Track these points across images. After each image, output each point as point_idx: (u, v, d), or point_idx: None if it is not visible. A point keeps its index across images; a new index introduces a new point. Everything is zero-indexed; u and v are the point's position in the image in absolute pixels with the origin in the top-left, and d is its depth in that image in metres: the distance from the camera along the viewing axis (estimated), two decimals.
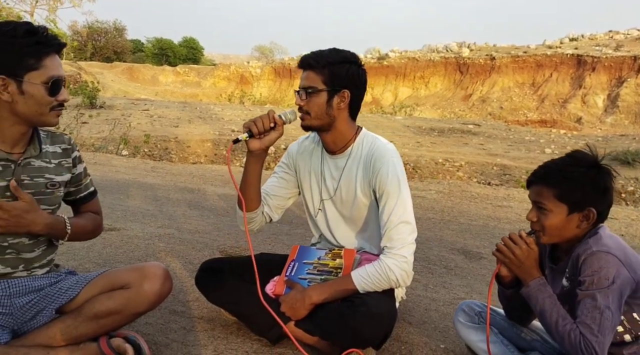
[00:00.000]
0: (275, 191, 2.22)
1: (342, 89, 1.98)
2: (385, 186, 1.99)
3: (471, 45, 37.80)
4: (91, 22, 47.51)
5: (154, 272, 1.86)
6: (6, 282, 1.74)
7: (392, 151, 2.06)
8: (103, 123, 11.99)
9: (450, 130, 15.52)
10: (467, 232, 4.13)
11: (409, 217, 1.99)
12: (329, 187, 2.14)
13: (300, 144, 2.25)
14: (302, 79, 2.03)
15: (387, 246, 1.97)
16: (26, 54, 1.54)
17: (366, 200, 2.08)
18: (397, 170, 2.01)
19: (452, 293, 2.79)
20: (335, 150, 2.11)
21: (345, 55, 2.01)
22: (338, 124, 2.04)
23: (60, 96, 1.63)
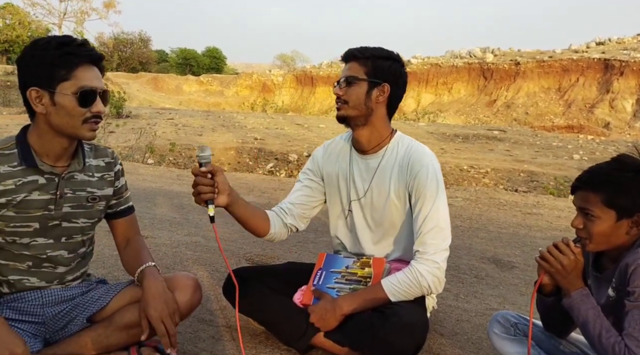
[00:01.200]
0: (300, 200, 2.17)
1: (383, 83, 1.96)
2: (423, 189, 1.94)
3: (495, 51, 37.40)
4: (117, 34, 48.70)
5: (184, 282, 1.86)
6: (39, 292, 1.75)
7: (430, 154, 2.02)
8: (129, 132, 12.19)
9: (475, 137, 15.34)
10: (497, 240, 4.04)
11: (444, 223, 1.94)
12: (359, 188, 2.10)
13: (326, 148, 2.22)
14: (343, 70, 2.01)
15: (419, 251, 1.92)
16: (57, 65, 1.55)
17: (399, 204, 2.03)
18: (436, 174, 1.97)
19: (484, 303, 2.72)
20: (368, 150, 2.06)
21: (389, 52, 2.01)
22: (374, 119, 2.00)
23: (93, 108, 1.61)
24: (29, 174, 1.63)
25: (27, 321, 1.73)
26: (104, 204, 1.82)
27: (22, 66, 1.58)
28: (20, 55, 1.59)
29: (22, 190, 1.62)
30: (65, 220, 1.72)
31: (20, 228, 1.64)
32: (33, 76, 1.56)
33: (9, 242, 1.65)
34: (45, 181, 1.66)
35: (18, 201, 1.61)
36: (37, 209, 1.65)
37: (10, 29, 42.23)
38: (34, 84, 1.56)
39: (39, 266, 1.72)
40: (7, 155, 1.62)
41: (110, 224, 1.92)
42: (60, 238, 1.73)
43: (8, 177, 1.60)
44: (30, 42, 1.61)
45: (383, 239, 2.11)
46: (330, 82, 38.41)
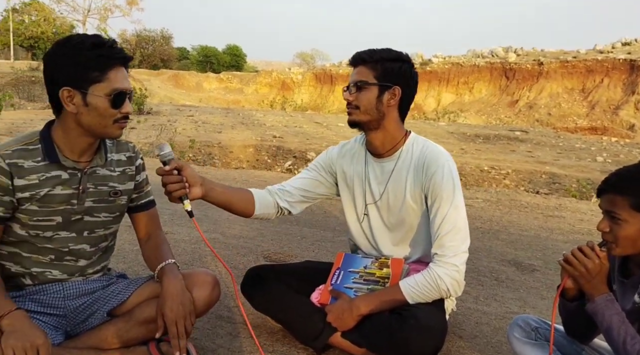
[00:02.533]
0: (304, 187, 2.14)
1: (394, 86, 1.93)
2: (439, 191, 1.91)
3: (518, 50, 36.95)
4: (139, 31, 49.28)
5: (203, 279, 1.86)
6: (61, 284, 1.78)
7: (446, 155, 1.99)
8: (150, 128, 12.31)
9: (496, 137, 15.15)
10: (518, 242, 3.98)
11: (462, 224, 1.91)
12: (374, 191, 2.08)
13: (342, 148, 2.20)
14: (352, 75, 1.98)
15: (437, 254, 1.89)
16: (91, 67, 1.56)
17: (415, 206, 2.00)
18: (452, 175, 1.94)
19: (504, 306, 2.68)
20: (383, 153, 2.04)
21: (398, 54, 1.97)
22: (387, 122, 1.98)
23: (123, 108, 1.63)
24: (52, 169, 1.65)
25: (48, 314, 1.75)
26: (125, 198, 1.84)
27: (52, 64, 1.59)
28: (51, 53, 1.60)
29: (45, 185, 1.64)
30: (88, 215, 1.74)
31: (44, 222, 1.67)
32: (65, 76, 1.57)
33: (32, 235, 1.68)
34: (68, 176, 1.68)
35: (41, 195, 1.64)
36: (60, 203, 1.67)
37: (36, 25, 43.06)
38: (66, 84, 1.57)
39: (61, 259, 1.74)
40: (31, 151, 1.64)
41: (132, 217, 1.94)
42: (82, 232, 1.75)
43: (32, 172, 1.63)
44: (60, 40, 1.61)
45: (402, 241, 2.09)
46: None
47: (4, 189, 1.60)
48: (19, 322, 1.51)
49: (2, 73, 28.90)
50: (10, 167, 1.59)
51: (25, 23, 43.92)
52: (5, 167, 1.59)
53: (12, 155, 1.61)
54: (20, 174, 1.61)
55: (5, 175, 1.59)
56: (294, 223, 4.11)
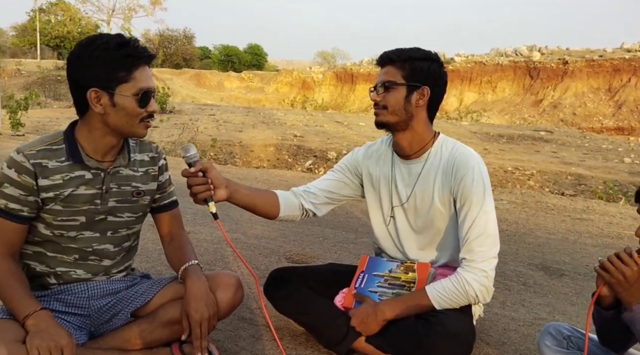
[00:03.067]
0: (329, 188, 2.12)
1: (422, 86, 1.88)
2: (469, 194, 1.86)
3: (542, 49, 36.31)
4: (162, 31, 49.82)
5: (227, 281, 1.86)
6: (85, 284, 1.78)
7: (476, 157, 1.93)
8: (172, 127, 12.42)
9: (520, 137, 14.91)
10: (545, 246, 3.88)
11: (492, 229, 1.86)
12: (401, 194, 2.03)
13: (368, 149, 2.15)
14: (380, 75, 1.94)
15: (466, 259, 1.84)
16: (117, 67, 1.55)
17: (444, 209, 1.95)
18: (482, 178, 1.88)
19: (532, 312, 2.61)
20: (410, 154, 1.99)
21: (427, 53, 1.93)
22: (415, 123, 1.93)
23: (149, 107, 1.63)
24: (75, 169, 1.65)
25: (73, 313, 1.75)
26: (148, 198, 1.83)
27: (78, 66, 1.58)
28: (75, 54, 1.59)
29: (69, 185, 1.64)
30: (111, 215, 1.74)
31: (68, 222, 1.67)
32: (92, 77, 1.56)
33: (56, 235, 1.68)
34: (91, 176, 1.68)
35: (65, 195, 1.64)
36: (83, 203, 1.67)
37: (62, 25, 43.89)
38: (93, 85, 1.56)
39: (85, 259, 1.74)
40: (55, 151, 1.64)
41: (155, 217, 1.94)
42: (106, 232, 1.75)
43: (56, 172, 1.63)
44: (83, 41, 1.60)
45: (429, 245, 2.04)
46: (370, 79, 38.19)
47: (29, 189, 1.60)
48: (43, 322, 1.51)
49: (29, 72, 29.54)
50: (35, 167, 1.59)
51: (51, 23, 44.80)
52: (29, 167, 1.59)
53: (37, 155, 1.61)
54: (44, 174, 1.61)
55: (29, 176, 1.59)
56: (315, 224, 4.08)
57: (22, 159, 1.59)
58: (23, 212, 1.62)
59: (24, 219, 1.63)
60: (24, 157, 1.59)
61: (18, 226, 1.63)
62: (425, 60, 1.90)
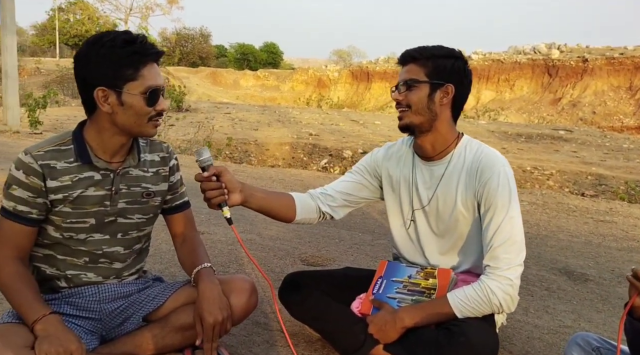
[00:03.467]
0: (347, 191, 2.05)
1: (446, 84, 1.81)
2: (493, 199, 1.78)
3: (561, 47, 35.75)
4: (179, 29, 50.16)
5: (241, 285, 1.82)
6: (96, 287, 1.74)
7: (502, 160, 1.84)
8: (188, 126, 12.45)
9: (539, 136, 14.66)
10: (568, 249, 3.76)
11: (517, 235, 1.77)
12: (422, 196, 1.95)
13: (388, 150, 2.08)
14: (401, 74, 1.86)
15: (490, 266, 1.76)
16: (124, 65, 1.51)
17: (467, 213, 1.87)
18: (508, 182, 1.79)
19: (556, 320, 2.51)
20: (433, 156, 1.92)
21: (451, 50, 1.85)
22: (439, 123, 1.85)
23: (158, 106, 1.59)
24: (84, 170, 1.62)
25: (84, 317, 1.72)
26: (159, 199, 1.80)
27: (85, 64, 1.55)
28: (82, 53, 1.55)
29: (78, 186, 1.61)
30: (121, 216, 1.71)
31: (77, 224, 1.64)
32: (99, 75, 1.52)
33: (66, 237, 1.65)
34: (100, 177, 1.64)
35: (74, 197, 1.60)
36: (93, 205, 1.64)
37: (80, 24, 44.40)
38: (100, 84, 1.52)
39: (96, 262, 1.71)
40: (64, 151, 1.61)
41: (166, 219, 1.90)
42: (116, 234, 1.72)
43: (65, 173, 1.60)
44: (90, 39, 1.56)
45: (450, 250, 1.96)
46: (386, 77, 38.04)
47: (37, 191, 1.57)
48: (52, 327, 1.48)
49: (48, 70, 29.92)
50: (43, 168, 1.56)
51: (70, 22, 45.34)
52: (37, 168, 1.56)
53: (45, 156, 1.58)
54: (52, 175, 1.58)
55: (38, 177, 1.56)
56: (331, 225, 4.01)
57: (30, 160, 1.55)
58: (32, 214, 1.58)
59: (33, 221, 1.60)
60: (31, 158, 1.56)
61: (27, 229, 1.60)
62: (449, 57, 1.82)
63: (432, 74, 1.80)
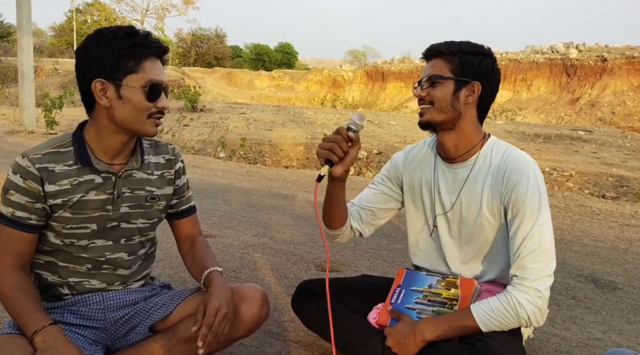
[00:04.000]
0: (371, 206, 1.96)
1: (472, 81, 1.70)
2: (522, 204, 1.65)
3: (580, 46, 35.19)
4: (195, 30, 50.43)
5: (252, 295, 1.72)
6: (101, 295, 1.66)
7: (531, 163, 1.72)
8: (203, 126, 12.43)
9: (557, 137, 14.39)
10: (594, 255, 3.61)
11: (547, 244, 1.65)
12: (445, 201, 1.84)
13: (408, 154, 1.97)
14: (425, 69, 1.76)
15: (517, 276, 1.64)
16: (125, 56, 1.45)
17: (492, 219, 1.75)
18: (538, 187, 1.67)
19: (585, 331, 2.37)
20: (456, 157, 1.80)
21: (479, 46, 1.74)
22: (463, 123, 1.74)
23: (159, 103, 1.51)
24: (84, 173, 1.54)
25: (88, 326, 1.65)
26: (164, 203, 1.72)
27: (85, 56, 1.48)
28: (83, 45, 1.49)
29: (78, 190, 1.53)
30: (124, 221, 1.63)
31: (78, 230, 1.56)
32: (98, 67, 1.46)
33: (67, 244, 1.57)
34: (101, 180, 1.56)
35: (74, 202, 1.53)
36: (94, 209, 1.56)
37: (97, 25, 44.79)
38: (99, 76, 1.46)
39: (99, 268, 1.64)
40: (63, 154, 1.53)
41: (171, 224, 1.82)
42: (119, 240, 1.64)
43: (64, 176, 1.52)
44: (92, 32, 1.51)
45: (474, 259, 1.84)
46: (402, 78, 37.81)
47: (36, 196, 1.49)
48: (52, 339, 1.41)
49: (66, 71, 30.24)
50: (41, 172, 1.49)
51: (87, 23, 45.83)
52: (35, 172, 1.48)
53: (42, 159, 1.50)
54: (51, 179, 1.50)
55: (35, 181, 1.48)
56: None
57: (27, 163, 1.48)
58: (31, 220, 1.51)
59: (33, 227, 1.52)
60: (29, 161, 1.48)
61: (27, 235, 1.52)
62: (477, 54, 1.72)
63: (458, 70, 1.70)
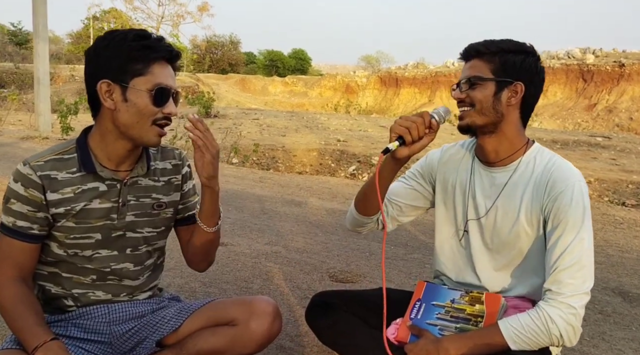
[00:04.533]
0: (400, 200, 1.85)
1: (515, 82, 1.60)
2: (564, 216, 1.54)
3: (596, 51, 34.81)
4: (209, 37, 50.83)
5: (263, 308, 1.64)
6: (106, 307, 1.60)
7: (577, 174, 1.62)
8: (216, 132, 12.40)
9: (575, 143, 14.15)
10: (620, 266, 3.46)
11: (587, 260, 1.53)
12: (479, 206, 1.73)
13: (445, 152, 1.87)
14: (464, 70, 1.67)
15: (551, 290, 1.52)
16: (133, 58, 1.39)
17: (530, 230, 1.64)
18: (583, 199, 1.56)
19: (615, 349, 2.24)
20: (496, 162, 1.70)
21: (521, 44, 1.64)
22: (505, 125, 1.64)
23: (166, 108, 1.44)
24: (88, 180, 1.47)
25: (93, 340, 1.58)
26: (171, 210, 1.65)
27: (93, 57, 1.43)
28: (92, 47, 1.44)
29: (81, 198, 1.46)
30: (130, 230, 1.56)
31: (82, 240, 1.49)
32: (105, 68, 1.40)
33: (70, 254, 1.51)
34: (106, 188, 1.49)
35: (77, 210, 1.46)
36: (98, 218, 1.49)
37: None
38: (105, 76, 1.40)
39: (104, 279, 1.57)
40: (66, 161, 1.47)
41: (177, 230, 1.74)
42: (124, 249, 1.57)
43: (67, 184, 1.45)
44: (102, 34, 1.46)
45: (505, 269, 1.72)
46: (415, 83, 37.67)
47: (38, 205, 1.43)
48: None
49: (82, 78, 29.93)
50: (42, 179, 1.42)
51: (104, 30, 46.38)
52: (37, 180, 1.41)
53: (45, 166, 1.43)
54: (53, 187, 1.43)
55: (37, 189, 1.42)
56: (361, 237, 3.80)
57: (29, 171, 1.42)
58: (33, 229, 1.44)
59: (35, 237, 1.45)
60: (30, 168, 1.42)
61: (29, 246, 1.46)
62: (519, 52, 1.62)
63: (499, 70, 1.60)
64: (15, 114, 13.53)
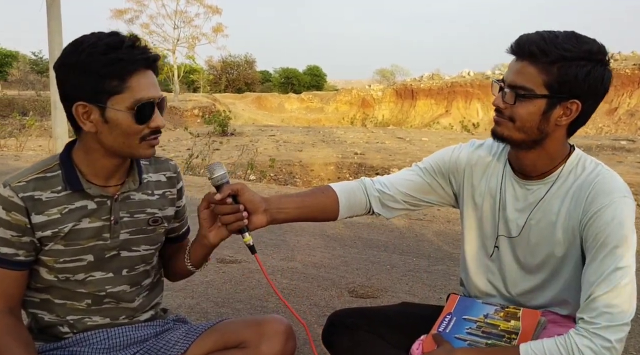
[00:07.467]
0: (412, 192, 1.66)
1: (572, 99, 1.36)
2: (603, 236, 1.34)
3: (615, 55, 34.24)
4: (225, 57, 51.48)
5: (275, 329, 1.51)
6: (105, 332, 1.47)
7: (623, 187, 1.39)
8: (233, 149, 12.42)
9: (598, 147, 13.81)
10: None
11: (628, 287, 1.30)
12: (510, 221, 1.54)
13: (473, 152, 1.65)
14: (510, 70, 1.42)
15: (584, 319, 1.31)
16: (107, 75, 1.24)
17: (567, 248, 1.43)
18: (625, 215, 1.34)
19: None
20: (532, 175, 1.51)
21: (589, 49, 1.34)
22: (548, 143, 1.43)
23: (152, 123, 1.30)
24: (75, 199, 1.35)
25: None
26: (166, 225, 1.53)
27: (64, 74, 1.28)
28: (59, 63, 1.29)
29: (69, 219, 1.34)
30: (125, 249, 1.43)
31: (72, 263, 1.37)
32: (77, 88, 1.26)
33: (61, 280, 1.38)
34: (95, 206, 1.37)
35: (66, 232, 1.34)
36: (89, 239, 1.37)
37: None
38: (80, 99, 1.26)
39: (100, 303, 1.45)
40: (50, 179, 1.34)
41: (164, 247, 1.60)
42: (120, 271, 1.45)
43: (52, 204, 1.33)
44: (70, 44, 1.29)
45: (539, 289, 1.54)
46: (431, 94, 37.49)
47: (22, 229, 1.31)
48: None
49: None
50: (25, 201, 1.30)
51: None
52: (19, 202, 1.29)
53: (27, 187, 1.31)
54: (37, 208, 1.31)
55: (20, 212, 1.30)
56: (381, 249, 3.63)
57: (10, 193, 1.30)
58: (19, 256, 1.32)
59: (21, 264, 1.34)
60: (11, 190, 1.30)
61: (14, 273, 1.34)
62: (585, 61, 1.33)
63: (554, 84, 1.35)
64: (36, 140, 13.73)
